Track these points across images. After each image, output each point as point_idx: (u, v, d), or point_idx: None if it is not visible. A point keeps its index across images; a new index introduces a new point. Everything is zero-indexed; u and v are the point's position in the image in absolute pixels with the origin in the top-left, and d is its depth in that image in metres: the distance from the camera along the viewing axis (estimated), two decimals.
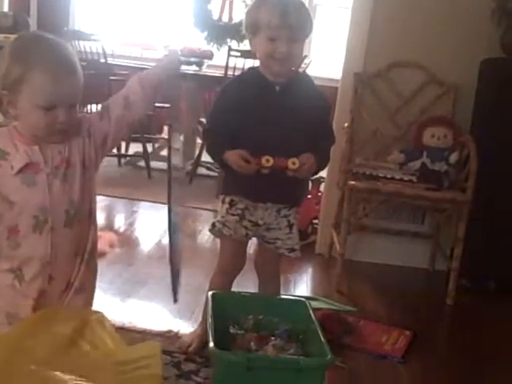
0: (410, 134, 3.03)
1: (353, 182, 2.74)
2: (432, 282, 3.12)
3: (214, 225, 1.99)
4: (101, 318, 1.50)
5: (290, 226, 1.98)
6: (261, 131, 1.85)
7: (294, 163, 1.79)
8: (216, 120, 1.94)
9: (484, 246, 2.87)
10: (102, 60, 4.37)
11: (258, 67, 1.95)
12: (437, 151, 2.84)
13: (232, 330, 1.78)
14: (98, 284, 1.69)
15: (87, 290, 1.64)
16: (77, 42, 4.42)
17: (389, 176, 2.80)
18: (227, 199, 1.96)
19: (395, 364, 2.18)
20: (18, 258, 1.51)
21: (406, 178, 2.79)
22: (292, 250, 2.00)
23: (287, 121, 1.86)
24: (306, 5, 1.96)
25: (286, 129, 1.85)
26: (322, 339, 1.66)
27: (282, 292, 2.21)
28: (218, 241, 2.07)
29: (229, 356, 1.61)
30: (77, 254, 1.57)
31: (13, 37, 1.52)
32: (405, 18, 3.07)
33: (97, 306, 2.18)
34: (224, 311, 1.79)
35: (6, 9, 6.11)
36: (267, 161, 1.78)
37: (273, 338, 1.75)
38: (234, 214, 1.94)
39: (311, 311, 1.82)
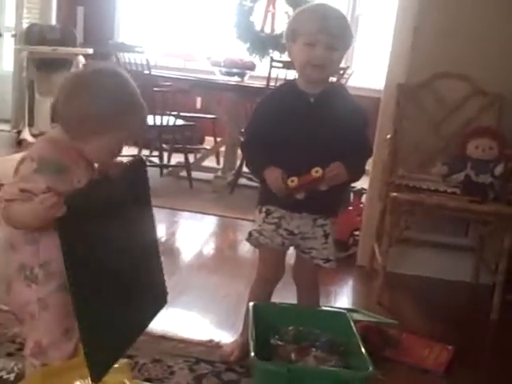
0: (454, 146, 2.99)
1: (395, 194, 2.71)
2: (476, 296, 3.07)
3: (250, 234, 2.01)
4: None
5: (326, 235, 1.98)
6: (295, 143, 1.86)
7: (317, 171, 1.77)
8: (252, 133, 1.97)
9: None
10: (146, 71, 4.43)
11: (294, 80, 1.97)
12: (481, 163, 2.80)
13: (273, 341, 1.78)
14: None
15: None
16: (121, 54, 4.51)
17: (432, 188, 2.77)
18: (264, 209, 1.97)
19: (437, 379, 2.15)
20: None
21: (449, 190, 2.75)
22: (327, 260, 2.00)
23: (321, 132, 1.86)
24: (349, 14, 1.96)
25: (320, 140, 1.85)
26: (363, 352, 1.65)
27: (322, 303, 2.21)
28: (257, 251, 2.08)
29: (269, 366, 1.62)
30: None
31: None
32: (448, 29, 3.04)
33: None
34: (265, 322, 1.80)
35: (53, 22, 6.28)
36: (292, 181, 1.78)
37: (314, 350, 1.74)
38: (270, 223, 1.96)
39: (352, 323, 1.81)
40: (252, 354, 1.60)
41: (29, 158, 1.43)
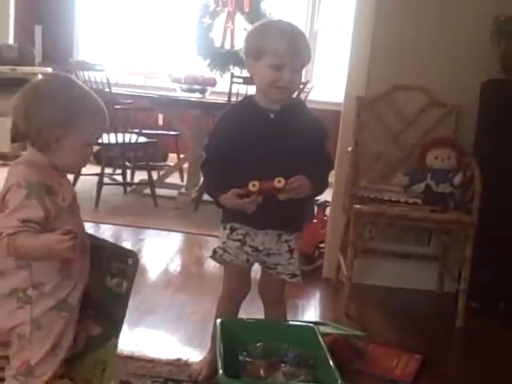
0: (414, 156, 3.04)
1: (358, 206, 2.74)
2: (441, 304, 3.10)
3: (215, 251, 1.99)
4: None
5: (291, 251, 1.97)
6: (256, 160, 1.84)
7: (279, 181, 1.75)
8: (212, 152, 1.94)
9: (492, 267, 2.85)
10: (107, 89, 4.41)
11: (252, 95, 1.96)
12: (441, 173, 2.85)
13: (241, 358, 1.77)
14: None
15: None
16: (81, 73, 4.47)
17: (394, 199, 2.81)
18: (228, 225, 1.96)
19: None
20: (66, 288, 1.54)
21: (410, 201, 2.79)
22: (293, 275, 1.99)
23: (282, 148, 1.85)
24: (308, 29, 1.96)
25: (281, 156, 1.84)
26: (332, 365, 1.65)
27: (290, 317, 2.20)
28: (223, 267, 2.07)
29: None
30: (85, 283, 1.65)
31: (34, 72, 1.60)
32: (405, 42, 3.10)
33: None
34: (233, 338, 1.79)
35: (10, 41, 6.20)
36: (253, 186, 1.76)
37: (282, 365, 1.74)
38: (234, 240, 1.95)
39: (320, 337, 1.81)
40: (220, 371, 1.59)
41: (15, 185, 1.43)
